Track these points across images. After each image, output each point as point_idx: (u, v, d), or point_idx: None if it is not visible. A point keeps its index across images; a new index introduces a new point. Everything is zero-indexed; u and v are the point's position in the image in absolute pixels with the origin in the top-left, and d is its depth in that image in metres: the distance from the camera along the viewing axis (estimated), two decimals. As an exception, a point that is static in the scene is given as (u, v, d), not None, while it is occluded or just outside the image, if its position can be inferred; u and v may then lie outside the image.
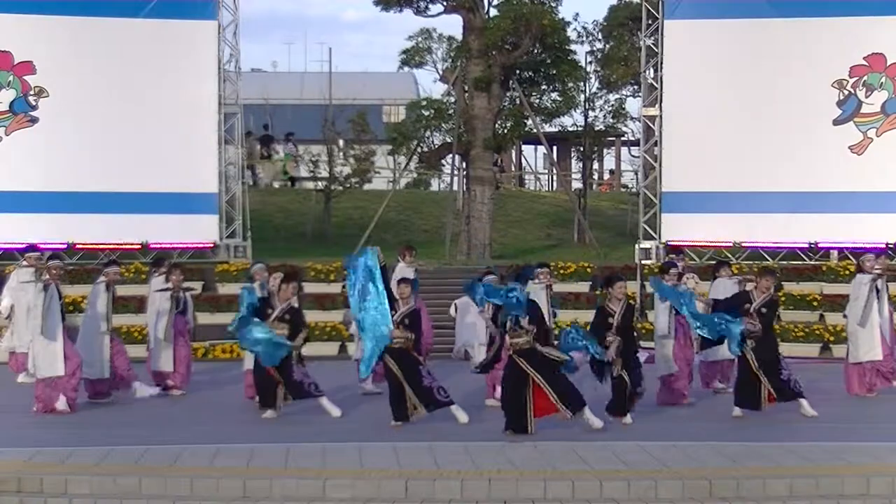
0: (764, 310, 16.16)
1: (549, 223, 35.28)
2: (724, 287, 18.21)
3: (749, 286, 16.78)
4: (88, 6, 25.13)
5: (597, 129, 36.52)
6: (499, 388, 16.22)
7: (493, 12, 29.74)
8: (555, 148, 40.34)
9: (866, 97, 25.21)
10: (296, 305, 16.96)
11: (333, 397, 17.16)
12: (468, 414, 15.61)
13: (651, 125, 26.97)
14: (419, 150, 32.34)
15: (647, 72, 26.94)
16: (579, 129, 36.22)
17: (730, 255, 25.00)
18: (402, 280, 16.47)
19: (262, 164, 37.89)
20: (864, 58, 25.18)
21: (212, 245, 25.76)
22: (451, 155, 31.10)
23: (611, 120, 36.90)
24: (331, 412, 16.14)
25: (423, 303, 17.92)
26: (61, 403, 16.59)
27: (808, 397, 16.10)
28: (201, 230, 25.65)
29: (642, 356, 16.63)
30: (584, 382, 15.40)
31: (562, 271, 24.71)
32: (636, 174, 39.47)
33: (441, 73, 30.93)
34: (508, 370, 14.91)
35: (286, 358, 16.21)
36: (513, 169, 45.50)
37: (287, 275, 17.28)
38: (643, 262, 25.54)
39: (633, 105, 37.68)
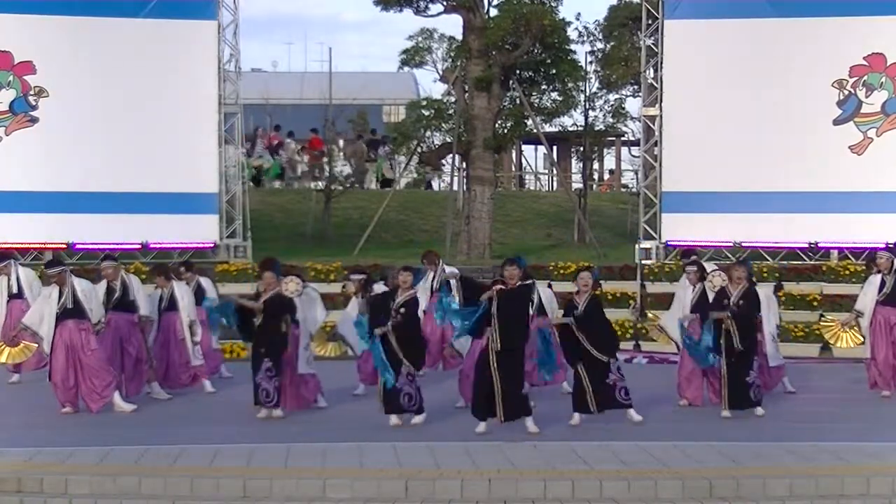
0: (741, 302, 16.14)
1: (549, 223, 35.29)
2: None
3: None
4: (88, 6, 25.11)
5: (597, 129, 36.51)
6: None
7: (494, 12, 29.76)
8: (555, 148, 40.35)
9: (866, 97, 25.20)
10: (287, 294, 16.45)
11: (333, 397, 17.20)
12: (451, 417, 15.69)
13: (651, 125, 26.97)
14: (419, 150, 32.35)
15: (647, 72, 26.94)
16: (579, 129, 36.22)
17: (730, 255, 25.01)
18: (405, 268, 16.50)
19: (370, 166, 38.32)
20: (864, 58, 25.17)
21: (212, 245, 25.74)
22: (451, 155, 31.12)
23: (611, 120, 36.89)
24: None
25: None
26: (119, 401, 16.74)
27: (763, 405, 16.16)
28: (201, 230, 25.63)
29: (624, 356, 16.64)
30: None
31: (562, 271, 24.75)
32: (636, 174, 39.49)
33: (441, 73, 30.94)
34: (480, 360, 15.00)
35: (256, 356, 16.20)
36: (513, 169, 45.51)
37: (264, 262, 17.11)
38: (643, 262, 25.56)
39: (633, 105, 37.72)
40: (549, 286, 18.32)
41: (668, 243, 25.67)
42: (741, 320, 16.03)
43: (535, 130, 32.13)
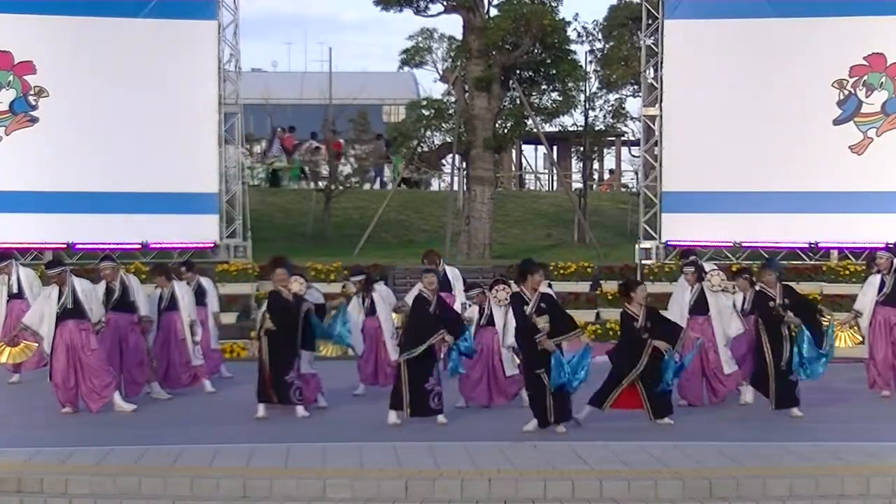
0: (787, 301, 16.16)
1: (549, 223, 35.30)
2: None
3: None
4: (88, 6, 25.10)
5: (597, 129, 36.52)
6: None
7: (494, 12, 29.79)
8: (555, 148, 40.37)
9: (866, 97, 25.19)
10: (300, 291, 16.51)
11: (333, 397, 17.19)
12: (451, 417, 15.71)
13: (651, 125, 26.96)
14: (419, 149, 32.37)
15: (647, 72, 26.93)
16: (579, 129, 36.24)
17: (730, 255, 25.02)
18: (426, 271, 16.49)
19: (388, 166, 38.42)
20: (864, 58, 25.16)
21: (212, 245, 25.73)
22: (451, 155, 31.13)
23: (611, 120, 36.90)
24: (298, 412, 16.15)
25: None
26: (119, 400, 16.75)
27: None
28: (201, 230, 25.62)
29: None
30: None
31: (562, 271, 24.77)
32: (636, 174, 39.50)
33: (441, 73, 30.97)
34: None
35: (287, 355, 16.16)
36: (513, 169, 45.53)
37: (274, 261, 16.96)
38: (643, 262, 25.56)
39: (633, 105, 37.74)
40: (549, 286, 18.32)
41: (668, 243, 25.67)
42: (801, 315, 16.08)
43: (535, 130, 32.15)
